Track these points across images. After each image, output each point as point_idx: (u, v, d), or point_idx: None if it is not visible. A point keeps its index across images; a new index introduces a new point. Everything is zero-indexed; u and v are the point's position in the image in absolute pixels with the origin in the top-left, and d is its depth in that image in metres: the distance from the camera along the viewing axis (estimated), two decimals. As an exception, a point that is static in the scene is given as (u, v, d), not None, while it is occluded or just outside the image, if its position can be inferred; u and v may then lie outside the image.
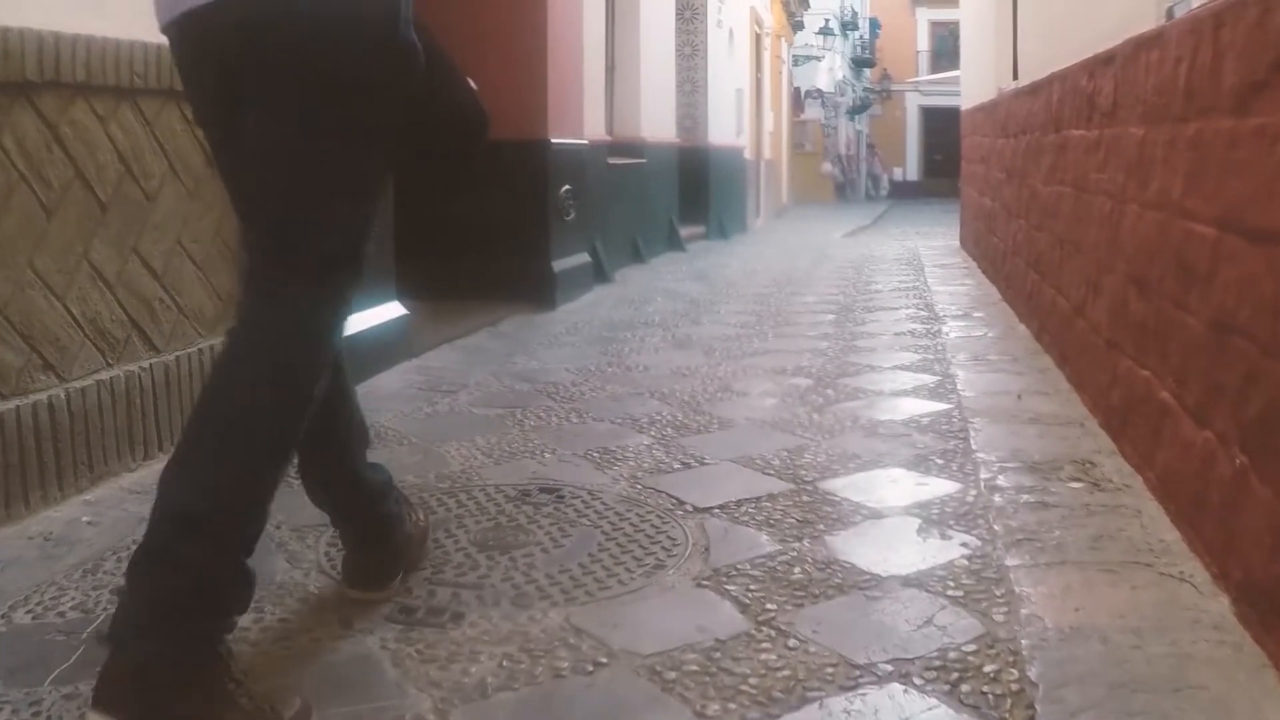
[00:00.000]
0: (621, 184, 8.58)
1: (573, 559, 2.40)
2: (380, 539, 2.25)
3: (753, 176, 15.92)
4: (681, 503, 2.77)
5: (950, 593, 2.18)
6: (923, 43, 38.46)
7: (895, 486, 2.88)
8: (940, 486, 2.87)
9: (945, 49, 35.29)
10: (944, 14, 33.84)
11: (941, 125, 33.90)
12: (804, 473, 3.01)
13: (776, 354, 4.89)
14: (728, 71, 13.56)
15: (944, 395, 3.93)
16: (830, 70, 29.28)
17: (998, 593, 2.17)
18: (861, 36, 35.18)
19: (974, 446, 3.20)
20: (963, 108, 10.01)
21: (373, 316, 4.47)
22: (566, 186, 6.57)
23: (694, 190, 11.78)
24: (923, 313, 6.17)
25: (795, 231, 15.47)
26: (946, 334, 5.31)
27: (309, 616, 2.15)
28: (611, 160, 8.29)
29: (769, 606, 2.13)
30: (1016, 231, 5.79)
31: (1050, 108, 4.57)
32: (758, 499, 2.78)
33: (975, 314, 5.99)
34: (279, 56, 1.74)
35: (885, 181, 35.86)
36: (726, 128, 13.44)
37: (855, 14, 32.76)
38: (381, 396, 4.02)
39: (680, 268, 9.07)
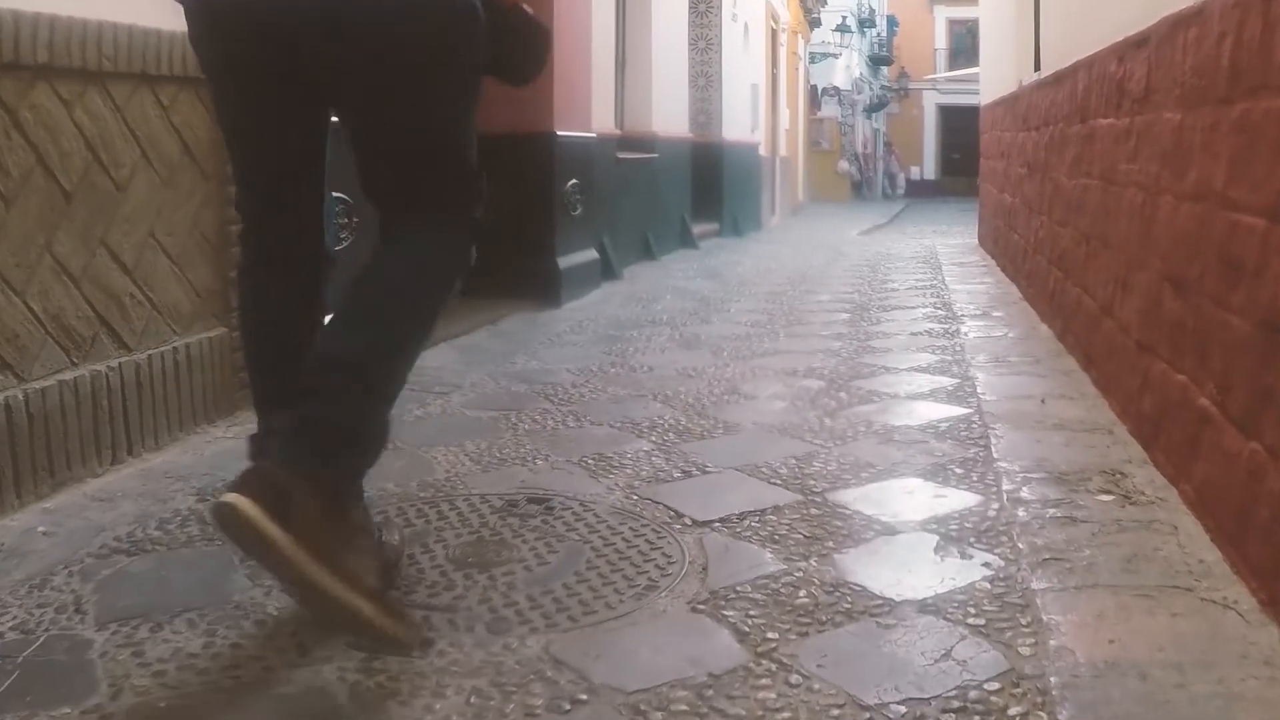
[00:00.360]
0: (632, 179, 8.37)
1: (557, 578, 2.20)
2: None
3: (768, 173, 15.69)
4: (679, 515, 2.57)
5: (971, 620, 1.97)
6: (940, 41, 38.17)
7: (911, 499, 2.67)
8: (959, 499, 2.66)
9: (963, 47, 35.06)
10: (962, 12, 33.62)
11: (959, 124, 33.72)
12: (813, 483, 2.80)
13: (787, 354, 4.68)
14: (743, 66, 13.33)
15: (963, 399, 3.72)
16: (847, 68, 29.04)
17: (1023, 621, 1.96)
18: (879, 34, 34.90)
19: (995, 455, 2.98)
20: (981, 103, 9.77)
21: (365, 314, 4.27)
22: (573, 181, 6.37)
23: (707, 187, 11.56)
24: (940, 312, 5.95)
25: (811, 229, 15.25)
26: (965, 334, 5.09)
27: (264, 641, 1.96)
28: (621, 155, 8.09)
29: (770, 636, 1.92)
30: (1038, 228, 5.56)
31: (1075, 97, 4.35)
32: (762, 511, 2.58)
33: (995, 313, 5.77)
34: (364, 49, 1.86)
35: (902, 180, 35.60)
36: (741, 123, 13.21)
37: (873, 11, 32.46)
38: (371, 398, 3.83)
39: (692, 265, 8.86)
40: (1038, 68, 5.83)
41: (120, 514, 2.63)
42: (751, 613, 2.02)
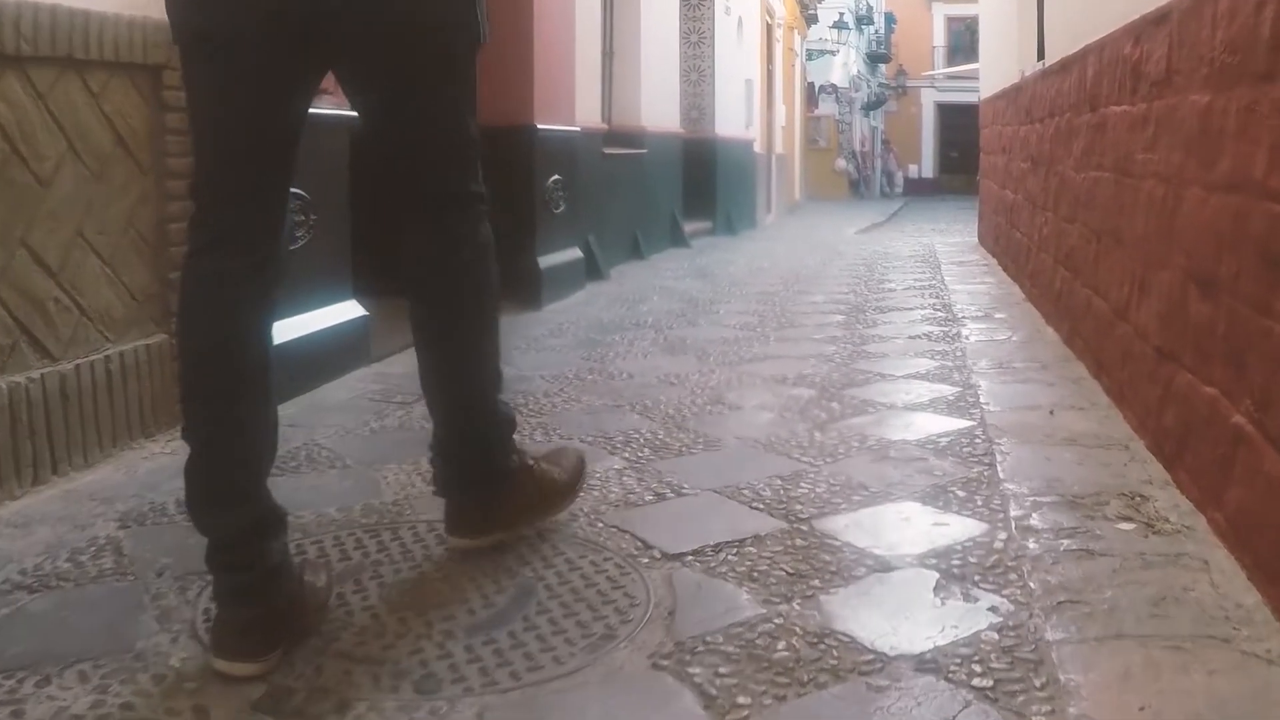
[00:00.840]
0: (619, 175, 8.09)
1: (502, 625, 1.92)
2: (258, 594, 1.81)
3: (763, 171, 15.41)
4: (648, 547, 2.29)
5: (977, 682, 1.68)
6: (939, 38, 37.97)
7: (908, 527, 2.39)
8: (962, 527, 2.37)
9: (962, 44, 34.89)
10: (960, 9, 33.39)
11: (958, 122, 33.66)
12: (799, 507, 2.52)
13: (777, 360, 4.40)
14: (736, 61, 13.04)
15: (965, 410, 3.44)
16: (845, 65, 28.80)
17: (1037, 682, 1.68)
18: (877, 31, 34.62)
19: (1001, 475, 2.70)
20: (981, 97, 9.50)
21: (325, 317, 4.00)
22: (555, 176, 6.09)
23: (700, 184, 11.26)
24: (939, 313, 5.67)
25: (807, 228, 14.97)
26: (966, 337, 4.81)
27: (159, 701, 1.69)
28: (608, 150, 7.80)
29: (741, 701, 1.64)
30: (1043, 225, 5.28)
31: (1084, 84, 4.07)
32: (741, 542, 2.30)
33: (997, 315, 5.49)
34: (391, 23, 1.90)
35: (900, 178, 35.38)
36: (735, 119, 12.92)
37: (870, 8, 32.18)
38: (326, 408, 3.56)
39: (682, 264, 8.56)
40: (1041, 56, 5.56)
41: (32, 542, 2.35)
42: (722, 670, 1.74)
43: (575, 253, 6.55)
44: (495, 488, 2.22)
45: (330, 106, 3.96)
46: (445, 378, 2.17)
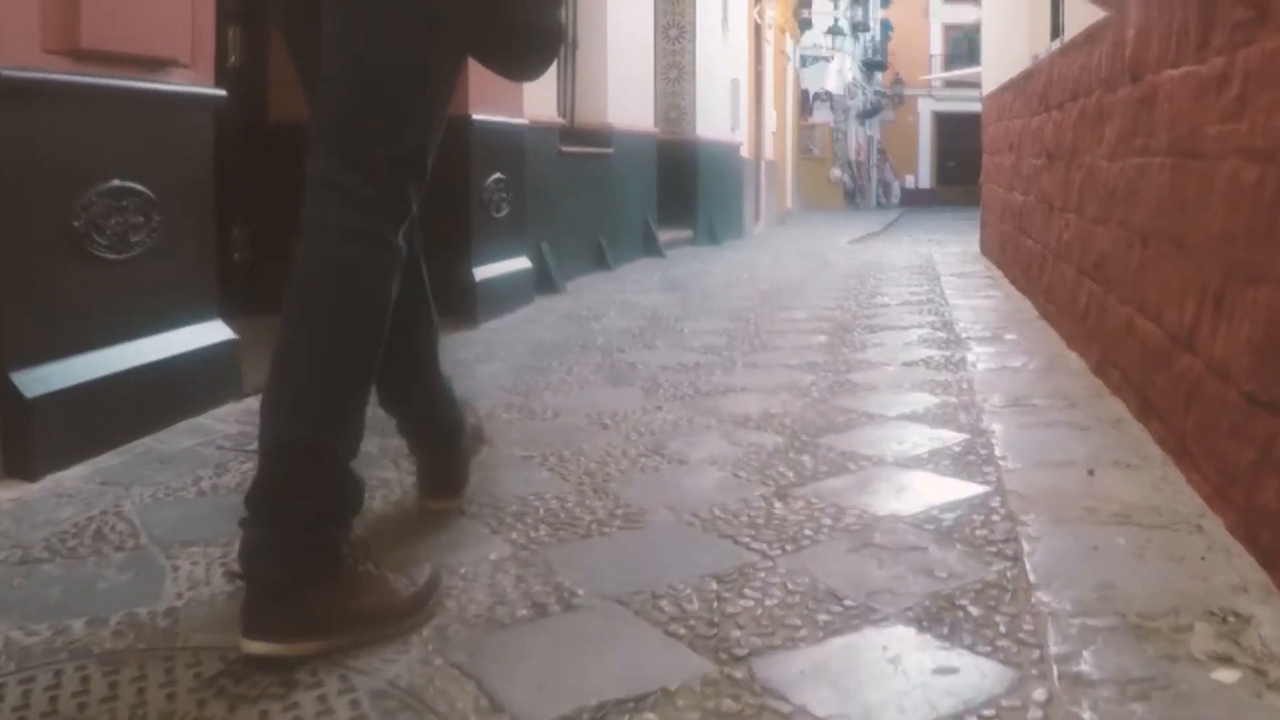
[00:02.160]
0: (580, 177, 7.27)
1: None
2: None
3: (751, 178, 14.60)
4: (495, 708, 1.48)
5: None
6: (936, 47, 37.44)
7: (896, 676, 1.57)
8: (976, 675, 1.56)
9: (959, 53, 34.46)
10: (958, 17, 32.90)
11: (955, 131, 33.21)
12: (737, 634, 1.71)
13: (741, 394, 3.59)
14: (722, 59, 12.22)
15: (975, 468, 2.62)
16: (840, 72, 28.19)
17: None
18: (873, 38, 33.95)
19: (1032, 577, 1.89)
20: (984, 92, 8.72)
21: (178, 341, 3.21)
22: (497, 175, 5.29)
23: (679, 189, 10.41)
24: (940, 334, 4.87)
25: (797, 238, 14.16)
26: (972, 364, 4.00)
27: None
28: (566, 148, 6.99)
29: None
30: (1062, 229, 4.48)
31: (1121, 52, 3.28)
32: (639, 702, 1.49)
33: (1007, 336, 4.68)
34: None
35: (897, 188, 34.78)
36: (719, 121, 12.09)
37: (866, 15, 31.49)
38: (158, 459, 2.76)
39: (651, 276, 7.72)
40: (1060, 32, 4.76)
41: None
42: None
43: (522, 262, 5.74)
44: (313, 578, 1.68)
45: (182, 83, 3.18)
46: (266, 418, 1.72)
